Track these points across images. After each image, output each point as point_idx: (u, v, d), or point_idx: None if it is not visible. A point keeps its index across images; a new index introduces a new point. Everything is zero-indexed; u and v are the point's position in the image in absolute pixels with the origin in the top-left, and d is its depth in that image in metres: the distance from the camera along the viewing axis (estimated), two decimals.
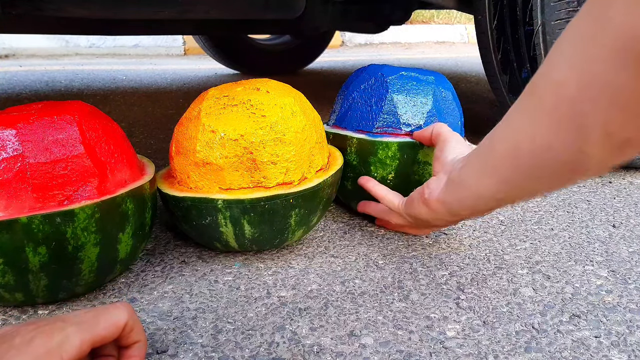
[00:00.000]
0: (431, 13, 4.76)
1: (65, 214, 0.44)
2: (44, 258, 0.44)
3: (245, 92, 0.56)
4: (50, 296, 0.48)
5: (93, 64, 2.74)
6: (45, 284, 0.46)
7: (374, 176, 0.66)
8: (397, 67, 0.70)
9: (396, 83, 0.66)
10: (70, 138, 0.46)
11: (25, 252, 0.43)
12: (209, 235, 0.57)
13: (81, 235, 0.45)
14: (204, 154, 0.53)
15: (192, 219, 0.55)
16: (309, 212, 0.57)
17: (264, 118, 0.54)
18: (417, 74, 0.68)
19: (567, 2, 0.80)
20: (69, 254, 0.45)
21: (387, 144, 0.64)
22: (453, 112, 0.68)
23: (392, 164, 0.65)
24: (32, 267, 0.44)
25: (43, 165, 0.44)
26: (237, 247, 0.58)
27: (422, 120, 0.65)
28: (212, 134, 0.53)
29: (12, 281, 0.45)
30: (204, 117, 0.54)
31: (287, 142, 0.54)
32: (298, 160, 0.55)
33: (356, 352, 0.44)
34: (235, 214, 0.53)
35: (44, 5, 0.87)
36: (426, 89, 0.67)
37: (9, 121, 0.45)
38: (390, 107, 0.65)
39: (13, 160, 0.43)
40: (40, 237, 0.43)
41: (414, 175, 0.66)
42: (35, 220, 0.43)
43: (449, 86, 0.69)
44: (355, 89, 0.70)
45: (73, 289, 0.49)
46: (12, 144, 0.44)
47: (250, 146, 0.53)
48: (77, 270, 0.47)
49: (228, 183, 0.54)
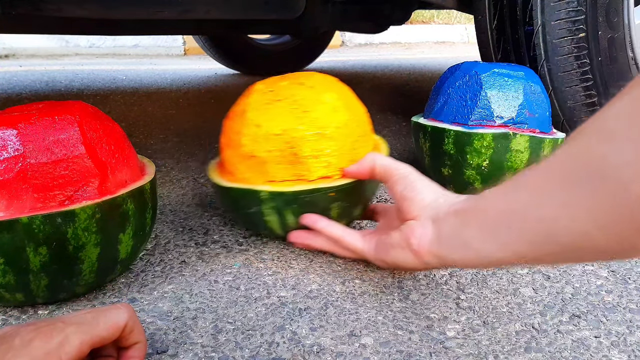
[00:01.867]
0: (431, 13, 4.76)
1: (66, 214, 0.44)
2: (44, 258, 0.44)
3: (289, 87, 0.58)
4: (50, 296, 0.48)
5: (93, 64, 2.74)
6: (45, 283, 0.46)
7: (470, 164, 0.73)
8: (489, 64, 0.77)
9: (489, 80, 0.73)
10: (71, 138, 0.46)
11: (26, 252, 0.43)
12: (256, 223, 0.61)
13: (82, 236, 0.45)
14: (249, 147, 0.56)
15: (240, 207, 0.59)
16: (350, 205, 0.59)
17: (306, 114, 0.56)
18: (508, 70, 0.75)
19: (567, 2, 0.80)
20: (69, 254, 0.45)
21: (482, 135, 0.71)
22: (542, 104, 0.74)
23: (486, 153, 0.72)
24: (32, 267, 0.44)
25: (44, 165, 0.44)
26: (283, 234, 0.60)
27: (514, 113, 0.72)
28: (256, 128, 0.56)
29: (12, 281, 0.45)
30: (249, 112, 0.57)
31: (328, 137, 0.56)
32: (339, 155, 0.57)
33: (356, 352, 0.44)
34: (279, 205, 0.56)
35: (44, 5, 0.87)
36: (517, 84, 0.73)
37: (10, 121, 0.45)
38: (484, 102, 0.73)
39: (14, 160, 0.43)
40: (41, 237, 0.43)
41: (507, 162, 0.72)
42: (36, 220, 0.43)
43: (537, 80, 0.76)
44: (450, 85, 0.77)
45: (73, 289, 0.49)
46: (13, 144, 0.44)
47: (292, 141, 0.55)
48: (78, 270, 0.47)
49: (272, 175, 0.56)
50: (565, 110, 0.86)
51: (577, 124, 0.86)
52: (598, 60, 0.82)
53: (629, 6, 0.83)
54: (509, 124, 0.72)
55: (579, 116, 0.85)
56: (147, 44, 3.34)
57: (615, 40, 0.83)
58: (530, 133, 0.72)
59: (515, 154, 0.71)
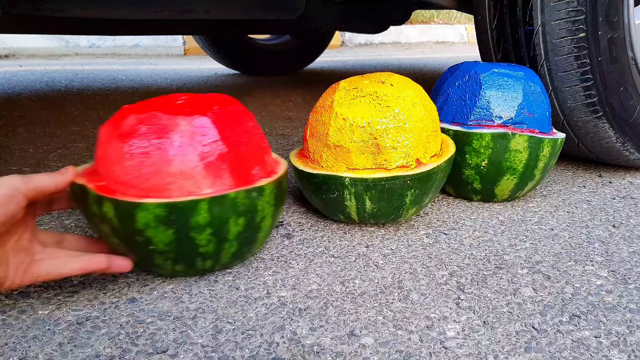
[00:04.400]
0: (431, 13, 4.76)
1: (259, 190, 0.51)
2: (240, 228, 0.51)
3: (371, 85, 0.64)
4: (228, 263, 0.55)
5: (93, 64, 2.74)
6: (233, 251, 0.53)
7: (469, 163, 0.74)
8: (489, 64, 0.77)
9: (489, 79, 0.74)
10: (247, 125, 0.54)
11: (228, 223, 0.50)
12: (334, 208, 0.66)
13: (266, 208, 0.53)
14: (335, 138, 0.63)
15: (322, 193, 0.65)
16: (422, 193, 0.64)
17: (388, 108, 0.62)
18: (507, 70, 0.75)
19: (567, 2, 0.80)
20: (256, 224, 0.53)
21: (481, 135, 0.72)
22: (542, 104, 0.75)
23: (485, 152, 0.72)
24: (229, 237, 0.51)
25: (235, 148, 0.51)
26: (357, 219, 0.67)
27: (513, 113, 0.73)
28: (343, 121, 0.62)
29: (211, 250, 0.51)
30: (336, 106, 0.63)
31: (408, 130, 0.62)
32: (416, 146, 0.63)
33: (356, 352, 0.44)
34: (359, 191, 0.62)
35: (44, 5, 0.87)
36: (516, 84, 0.73)
37: (195, 111, 0.50)
38: (483, 102, 0.73)
39: (215, 145, 0.50)
40: (242, 210, 0.50)
41: (506, 162, 0.72)
42: (240, 194, 0.50)
43: (537, 80, 0.76)
44: (450, 85, 0.78)
45: (243, 256, 0.56)
46: (211, 131, 0.50)
47: (375, 132, 0.61)
48: (255, 238, 0.54)
49: (354, 164, 0.62)
50: (565, 110, 0.86)
51: (577, 124, 0.86)
52: (598, 60, 0.82)
53: (629, 6, 0.83)
54: (508, 124, 0.72)
55: (579, 116, 0.85)
56: (147, 44, 3.35)
57: (615, 40, 0.83)
58: (529, 133, 0.72)
59: (514, 153, 0.72)
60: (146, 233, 0.48)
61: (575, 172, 0.96)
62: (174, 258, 0.50)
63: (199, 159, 0.49)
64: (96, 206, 0.48)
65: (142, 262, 0.52)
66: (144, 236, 0.48)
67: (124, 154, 0.48)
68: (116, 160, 0.48)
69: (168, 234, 0.48)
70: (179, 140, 0.48)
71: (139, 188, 0.48)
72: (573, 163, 1.01)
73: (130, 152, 0.48)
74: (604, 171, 0.96)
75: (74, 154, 1.03)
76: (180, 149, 0.48)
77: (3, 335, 0.45)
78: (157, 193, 0.48)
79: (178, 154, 0.48)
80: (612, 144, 0.87)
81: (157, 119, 0.49)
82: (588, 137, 0.87)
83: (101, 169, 0.50)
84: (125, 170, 0.48)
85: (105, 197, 0.47)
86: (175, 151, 0.48)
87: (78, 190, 0.50)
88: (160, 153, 0.48)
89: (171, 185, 0.48)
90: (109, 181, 0.49)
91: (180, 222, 0.48)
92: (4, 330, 0.46)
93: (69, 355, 0.43)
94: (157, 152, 0.48)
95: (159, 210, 0.47)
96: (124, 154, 0.48)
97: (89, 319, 0.48)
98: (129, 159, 0.48)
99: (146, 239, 0.48)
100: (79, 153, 1.04)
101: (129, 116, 0.50)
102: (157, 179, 0.48)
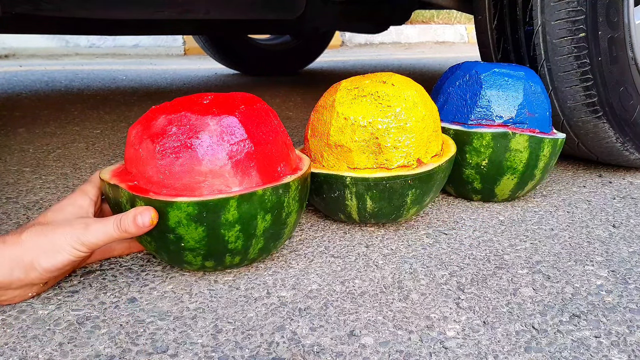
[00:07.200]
0: (431, 13, 4.76)
1: (285, 186, 0.52)
2: (267, 224, 0.52)
3: (372, 85, 0.64)
4: (256, 257, 0.55)
5: (93, 64, 2.74)
6: (260, 247, 0.54)
7: (469, 163, 0.74)
8: (489, 63, 0.77)
9: (489, 79, 0.74)
10: (272, 123, 0.54)
11: (256, 220, 0.51)
12: (335, 207, 0.66)
13: (291, 203, 0.54)
14: (336, 137, 0.63)
15: (323, 192, 0.65)
16: (423, 192, 0.64)
17: (390, 108, 0.62)
18: (508, 70, 0.75)
19: (567, 2, 0.80)
20: (282, 220, 0.53)
21: (481, 134, 0.72)
22: (542, 104, 0.75)
23: (485, 152, 0.72)
24: (257, 232, 0.52)
25: (261, 147, 0.52)
26: (358, 219, 0.67)
27: (514, 113, 0.73)
28: (344, 120, 0.62)
29: (240, 246, 0.52)
30: (337, 105, 0.63)
31: (409, 129, 0.62)
32: (417, 146, 0.63)
33: (356, 352, 0.44)
34: (360, 190, 0.62)
35: (44, 5, 0.87)
36: (517, 83, 0.73)
37: (222, 110, 0.51)
38: (484, 102, 0.73)
39: (242, 144, 0.51)
40: (269, 206, 0.51)
41: (506, 162, 0.72)
42: (267, 191, 0.51)
43: (537, 80, 0.76)
44: (451, 85, 0.78)
45: (270, 251, 0.56)
46: (239, 130, 0.51)
47: (376, 132, 0.61)
48: (282, 234, 0.55)
49: (355, 163, 0.63)
50: (565, 110, 0.86)
51: (577, 124, 0.86)
52: (598, 60, 0.82)
53: (629, 6, 0.83)
54: (508, 124, 0.72)
55: (579, 116, 0.85)
56: (147, 44, 3.35)
57: (615, 40, 0.83)
58: (529, 133, 0.72)
59: (515, 153, 0.72)
60: (178, 231, 0.49)
61: (575, 172, 0.96)
62: (204, 255, 0.52)
63: (228, 158, 0.50)
64: (129, 206, 0.49)
65: (172, 259, 0.53)
66: (176, 234, 0.49)
67: (155, 154, 0.49)
68: (148, 161, 0.50)
69: (199, 232, 0.49)
70: (209, 140, 0.49)
71: (171, 187, 0.49)
72: (573, 163, 1.01)
73: (161, 152, 0.49)
74: (604, 171, 0.96)
75: (73, 154, 1.03)
76: (210, 148, 0.49)
77: (3, 335, 0.45)
78: (188, 192, 0.49)
79: (208, 153, 0.49)
80: (612, 144, 0.87)
81: (187, 119, 0.50)
82: (588, 137, 0.87)
83: (132, 169, 0.51)
84: (157, 170, 0.49)
85: (138, 196, 0.49)
86: (205, 150, 0.49)
87: (110, 190, 0.51)
88: (191, 153, 0.49)
89: (202, 184, 0.49)
90: (141, 181, 0.50)
91: (211, 219, 0.49)
92: (4, 330, 0.46)
93: (69, 355, 0.43)
94: (187, 152, 0.49)
95: (190, 209, 0.48)
96: (156, 154, 0.49)
97: (89, 318, 0.48)
98: (160, 159, 0.49)
99: (177, 236, 0.50)
100: (79, 153, 1.04)
101: (159, 117, 0.51)
102: (188, 178, 0.49)
